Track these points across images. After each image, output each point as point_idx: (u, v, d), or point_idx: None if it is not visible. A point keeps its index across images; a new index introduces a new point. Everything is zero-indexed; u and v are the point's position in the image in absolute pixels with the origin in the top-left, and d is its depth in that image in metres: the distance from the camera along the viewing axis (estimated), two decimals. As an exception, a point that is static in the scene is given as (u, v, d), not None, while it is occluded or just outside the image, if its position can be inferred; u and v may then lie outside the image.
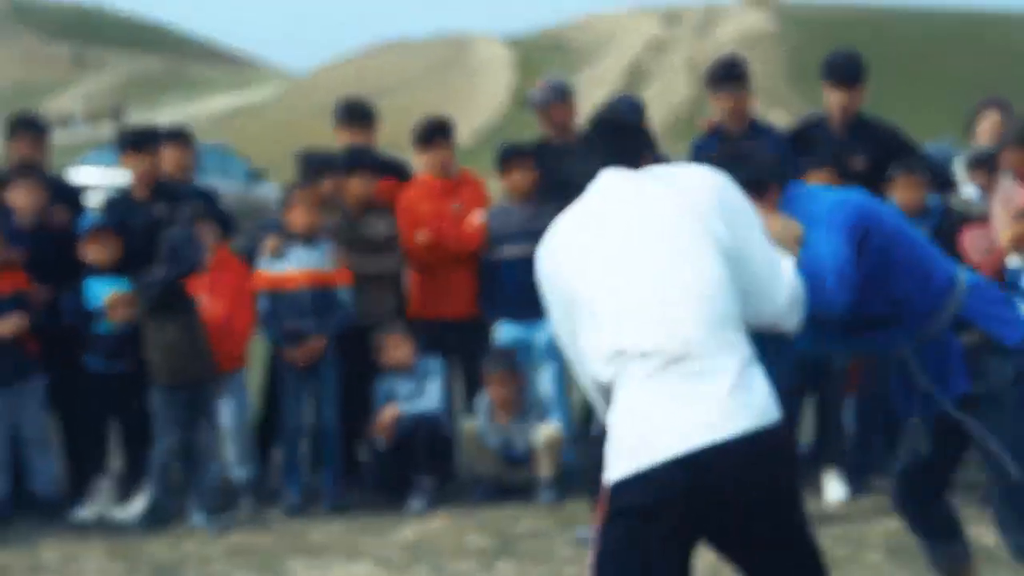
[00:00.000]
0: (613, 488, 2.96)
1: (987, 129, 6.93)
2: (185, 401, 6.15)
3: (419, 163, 6.94)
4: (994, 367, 3.61)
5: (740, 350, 3.00)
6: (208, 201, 6.80)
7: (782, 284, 3.23)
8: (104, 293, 6.28)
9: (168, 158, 6.76)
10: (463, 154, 7.84)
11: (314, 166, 6.67)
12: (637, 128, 3.41)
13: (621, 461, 2.95)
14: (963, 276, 3.64)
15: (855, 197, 3.86)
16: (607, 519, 2.96)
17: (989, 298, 3.65)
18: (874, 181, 6.31)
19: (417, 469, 6.35)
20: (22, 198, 6.40)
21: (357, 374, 6.51)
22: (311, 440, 6.53)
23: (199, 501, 6.18)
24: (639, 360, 2.97)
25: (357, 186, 6.60)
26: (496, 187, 6.97)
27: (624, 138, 3.30)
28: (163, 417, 6.15)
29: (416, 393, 6.45)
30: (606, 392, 3.06)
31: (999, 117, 6.92)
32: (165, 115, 55.30)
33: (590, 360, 3.08)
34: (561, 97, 6.84)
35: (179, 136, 7.00)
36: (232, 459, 6.50)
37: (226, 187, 14.69)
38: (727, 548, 3.06)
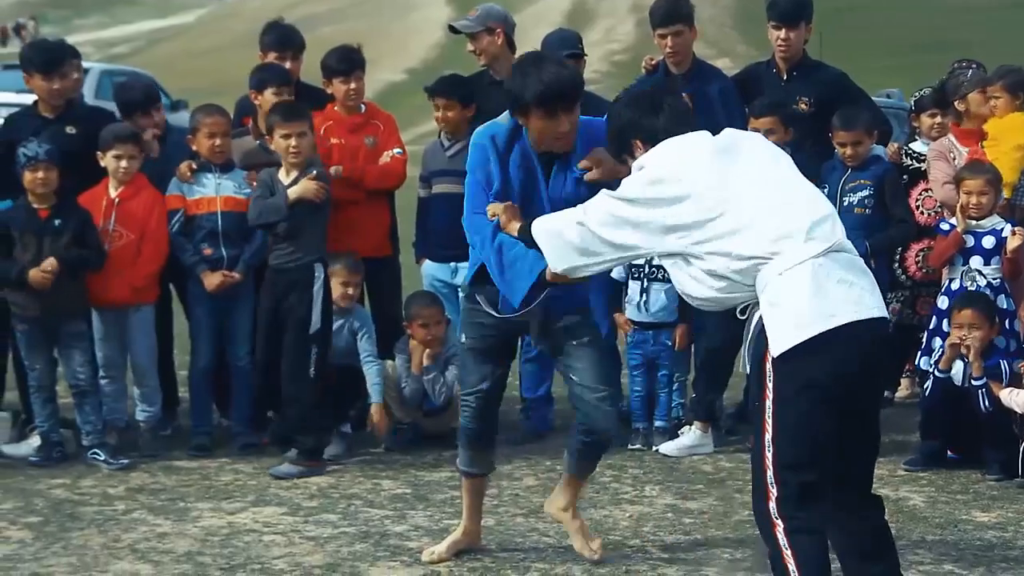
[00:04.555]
0: (800, 348, 3.51)
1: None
2: (48, 331, 5.90)
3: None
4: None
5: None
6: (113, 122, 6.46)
7: None
8: None
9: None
10: (397, 90, 7.55)
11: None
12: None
13: (807, 327, 3.52)
14: None
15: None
16: (792, 377, 3.53)
17: None
18: (820, 123, 6.21)
19: (332, 413, 6.10)
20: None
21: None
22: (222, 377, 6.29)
23: (92, 438, 5.96)
24: (807, 243, 3.58)
25: (269, 101, 6.23)
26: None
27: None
28: (25, 347, 5.96)
29: (345, 337, 6.15)
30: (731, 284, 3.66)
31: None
32: (81, 36, 54.00)
33: (736, 245, 3.61)
34: (487, 27, 6.59)
35: (75, 54, 6.66)
36: (136, 396, 6.25)
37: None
38: (849, 416, 3.64)
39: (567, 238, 3.88)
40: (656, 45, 6.53)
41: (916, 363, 6.28)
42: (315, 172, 5.84)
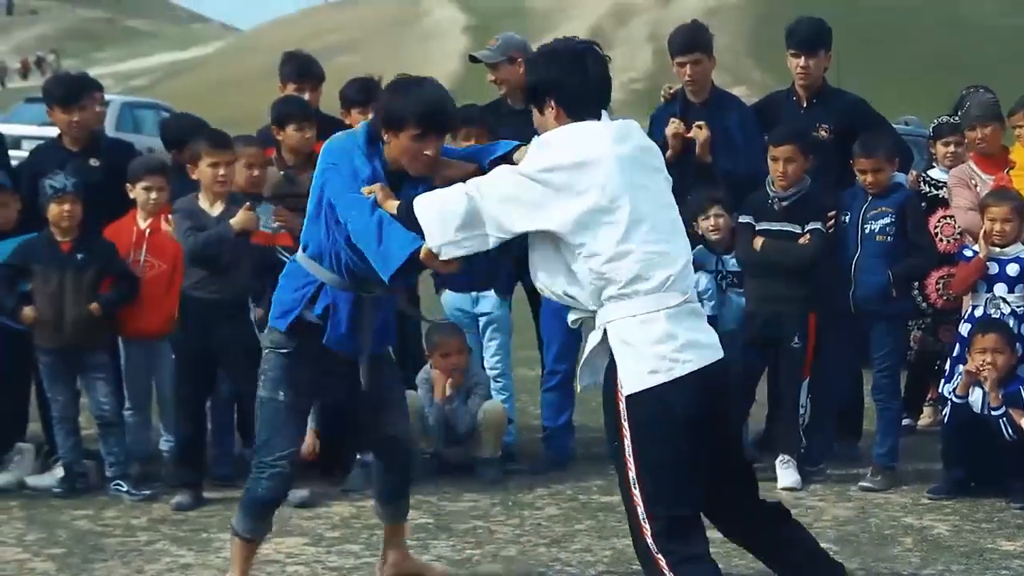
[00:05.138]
0: (649, 392, 3.67)
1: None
2: (71, 363, 5.91)
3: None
4: None
5: None
6: (135, 154, 6.56)
7: None
8: (5, 254, 5.95)
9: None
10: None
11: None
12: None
13: (658, 372, 3.69)
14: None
15: None
16: (645, 418, 3.68)
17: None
18: (840, 151, 6.22)
19: (354, 444, 6.10)
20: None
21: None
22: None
23: (115, 469, 5.97)
24: (667, 292, 3.73)
25: (291, 136, 6.25)
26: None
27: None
28: (47, 379, 5.98)
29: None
30: (592, 294, 3.74)
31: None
32: (101, 69, 54.31)
33: (603, 261, 3.69)
34: (508, 56, 6.61)
35: (96, 86, 6.74)
36: (160, 427, 6.28)
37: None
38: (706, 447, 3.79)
39: (452, 208, 3.78)
40: (674, 73, 6.56)
41: (939, 391, 6.25)
42: (249, 203, 5.76)
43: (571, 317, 3.93)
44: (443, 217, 3.78)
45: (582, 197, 3.68)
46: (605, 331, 3.76)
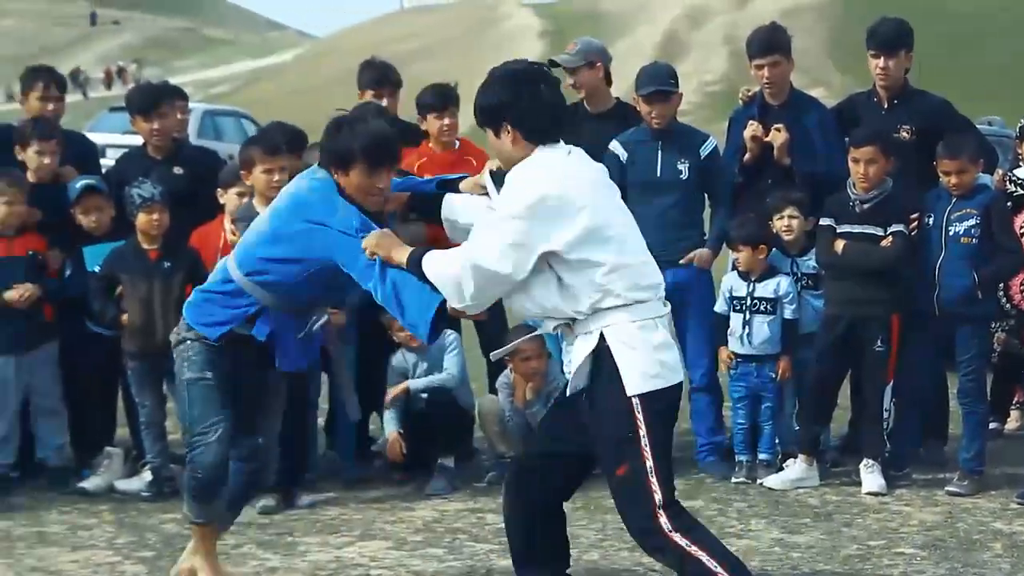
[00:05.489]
0: (657, 392, 3.93)
1: None
2: (158, 369, 5.97)
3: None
4: None
5: None
6: (218, 161, 6.71)
7: None
8: (99, 258, 6.09)
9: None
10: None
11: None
12: None
13: (660, 377, 3.95)
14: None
15: None
16: (657, 413, 3.95)
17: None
18: (923, 152, 6.14)
19: (436, 447, 6.15)
20: (37, 156, 6.23)
21: (371, 349, 6.31)
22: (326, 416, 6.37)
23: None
24: (657, 302, 3.99)
25: None
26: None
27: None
28: (135, 384, 6.09)
29: (431, 369, 6.24)
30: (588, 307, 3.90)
31: None
32: (182, 78, 55.10)
33: (600, 278, 3.87)
34: (587, 61, 6.62)
35: (179, 94, 6.90)
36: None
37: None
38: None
39: (458, 282, 3.86)
40: (752, 76, 6.53)
41: (1029, 394, 6.17)
42: None
43: (550, 326, 4.05)
44: (455, 287, 3.89)
45: (574, 221, 3.83)
46: (601, 335, 3.91)
